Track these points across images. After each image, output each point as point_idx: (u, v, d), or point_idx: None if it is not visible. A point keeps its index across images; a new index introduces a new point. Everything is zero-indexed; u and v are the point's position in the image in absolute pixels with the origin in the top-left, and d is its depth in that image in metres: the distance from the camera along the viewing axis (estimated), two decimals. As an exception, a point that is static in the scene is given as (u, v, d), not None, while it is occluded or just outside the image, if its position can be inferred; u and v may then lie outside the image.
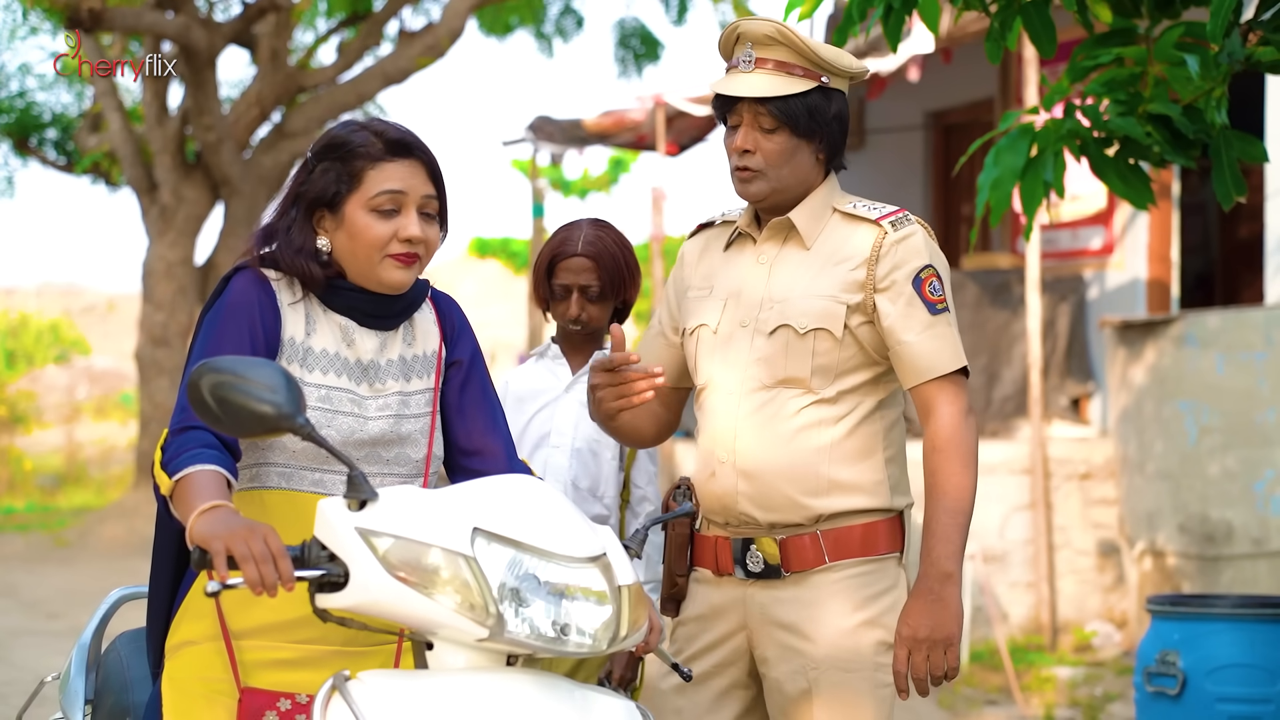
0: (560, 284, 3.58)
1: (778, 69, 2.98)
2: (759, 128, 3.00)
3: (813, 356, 2.99)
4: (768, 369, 3.02)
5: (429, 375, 2.75)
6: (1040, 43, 3.68)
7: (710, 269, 3.17)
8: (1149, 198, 3.76)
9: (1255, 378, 7.29)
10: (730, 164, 3.07)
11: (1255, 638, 4.84)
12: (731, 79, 3.03)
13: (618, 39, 16.59)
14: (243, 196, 13.72)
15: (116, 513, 13.82)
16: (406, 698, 2.13)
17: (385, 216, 2.62)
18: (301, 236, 2.66)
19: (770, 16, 3.08)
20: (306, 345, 2.64)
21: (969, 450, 2.97)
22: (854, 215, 3.05)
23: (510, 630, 2.13)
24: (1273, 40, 3.52)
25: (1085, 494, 8.59)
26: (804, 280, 3.03)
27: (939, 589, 2.91)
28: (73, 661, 3.20)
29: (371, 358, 2.68)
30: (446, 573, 2.12)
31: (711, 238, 3.22)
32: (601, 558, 2.22)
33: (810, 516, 3.00)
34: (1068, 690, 7.52)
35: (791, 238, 3.08)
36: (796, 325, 2.99)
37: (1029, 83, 8.41)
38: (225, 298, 2.63)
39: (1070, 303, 9.24)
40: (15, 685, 7.43)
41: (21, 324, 24.62)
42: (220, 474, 2.39)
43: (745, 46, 3.01)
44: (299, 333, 2.64)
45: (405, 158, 2.64)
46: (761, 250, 3.10)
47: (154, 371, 13.92)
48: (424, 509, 2.17)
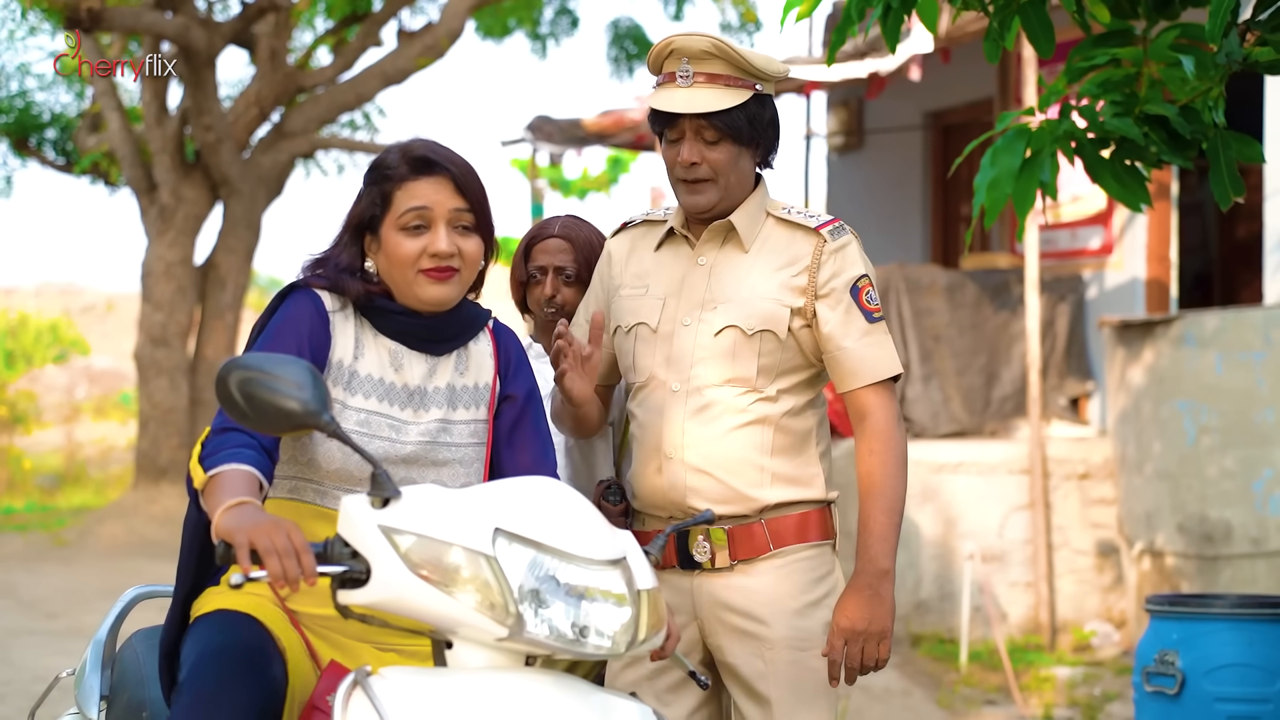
0: (537, 265, 3.61)
1: (714, 82, 3.08)
2: (702, 140, 3.10)
3: (758, 356, 3.12)
4: (714, 367, 3.13)
5: (479, 407, 2.80)
6: (1038, 43, 3.68)
7: (642, 268, 3.26)
8: (1144, 199, 3.76)
9: (1254, 377, 7.30)
10: (673, 176, 3.16)
11: (1254, 637, 4.85)
12: (670, 93, 3.10)
13: (611, 39, 16.60)
14: (242, 196, 13.72)
15: (116, 513, 13.81)
16: (427, 694, 2.14)
17: (415, 234, 2.68)
18: (348, 258, 2.74)
19: (702, 30, 3.17)
20: (353, 369, 2.71)
21: (902, 452, 3.13)
22: (791, 221, 3.18)
23: (529, 630, 2.15)
24: (1270, 41, 3.52)
25: (1084, 494, 8.60)
26: (747, 282, 3.14)
27: (876, 584, 3.07)
28: (88, 658, 3.25)
29: (419, 383, 2.73)
30: (467, 572, 2.14)
31: (637, 237, 3.32)
32: (621, 561, 2.24)
33: (756, 508, 3.13)
34: (1066, 690, 7.52)
35: (730, 240, 3.19)
36: (744, 326, 3.12)
37: (1028, 83, 8.41)
38: (280, 312, 2.69)
39: (1069, 303, 9.25)
40: (14, 685, 7.44)
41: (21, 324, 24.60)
42: (253, 474, 2.43)
43: (681, 61, 3.09)
44: (347, 355, 2.71)
45: (429, 174, 2.70)
46: (701, 252, 3.19)
47: (153, 371, 13.91)
48: (446, 508, 2.19)
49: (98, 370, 26.80)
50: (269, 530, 2.21)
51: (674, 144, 3.13)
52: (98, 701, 3.09)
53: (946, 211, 11.07)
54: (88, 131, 15.63)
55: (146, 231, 14.09)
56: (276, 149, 14.06)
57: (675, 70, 3.09)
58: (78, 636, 8.93)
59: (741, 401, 3.12)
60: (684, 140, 3.11)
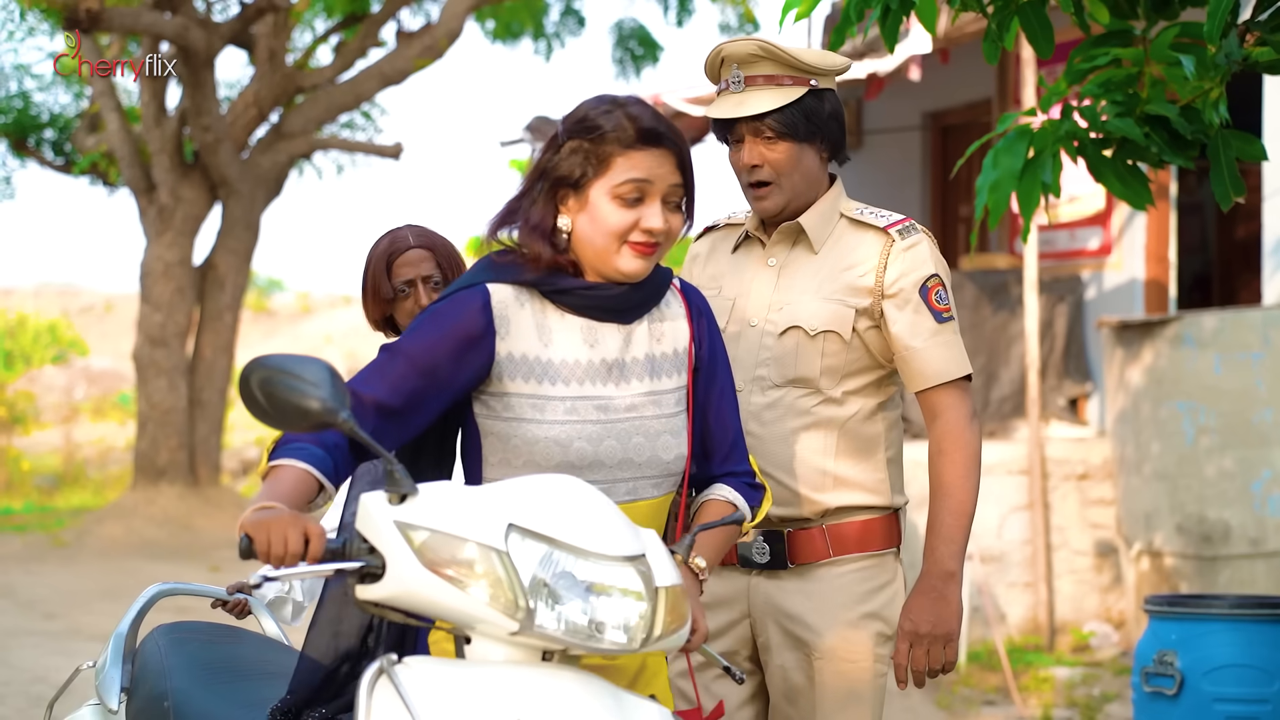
0: (403, 280, 3.53)
1: (767, 83, 3.08)
2: (762, 141, 3.10)
3: (822, 357, 3.10)
4: (778, 368, 3.12)
5: (679, 373, 2.72)
6: (1038, 43, 3.68)
7: (718, 270, 3.27)
8: (1147, 198, 3.76)
9: (1252, 378, 7.30)
10: (741, 181, 3.16)
11: (1253, 638, 4.85)
12: (724, 101, 3.13)
13: (616, 40, 16.60)
14: (240, 197, 13.73)
15: (114, 513, 13.81)
16: (451, 684, 2.18)
17: (629, 205, 2.57)
18: (541, 213, 2.62)
19: (752, 35, 3.19)
20: (545, 359, 2.62)
21: (973, 454, 3.08)
22: (861, 222, 3.15)
23: (540, 624, 2.17)
24: (1270, 41, 3.53)
25: (1083, 494, 8.60)
26: (813, 284, 3.13)
27: (942, 586, 3.04)
28: (109, 651, 3.32)
29: (617, 355, 2.65)
30: (480, 567, 2.16)
31: (718, 239, 3.33)
32: (640, 558, 2.25)
33: (817, 511, 3.11)
34: (1065, 690, 7.52)
35: (800, 241, 3.18)
36: (807, 327, 3.10)
37: (1027, 84, 8.42)
38: (438, 303, 2.63)
39: (1068, 303, 9.25)
40: (13, 686, 7.43)
41: (19, 324, 24.62)
42: (309, 474, 2.42)
43: (732, 68, 3.11)
44: (531, 346, 2.61)
45: (655, 146, 2.58)
46: (771, 253, 3.20)
47: (152, 372, 13.92)
48: (462, 504, 2.22)
49: (96, 371, 26.81)
50: (273, 524, 2.23)
51: (737, 148, 3.14)
52: (119, 693, 3.16)
53: (945, 212, 11.07)
54: (86, 132, 15.64)
55: (145, 232, 14.10)
56: (275, 149, 14.07)
57: (728, 77, 3.12)
58: (76, 637, 8.93)
59: (805, 403, 3.10)
60: (744, 144, 3.11)
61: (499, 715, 2.14)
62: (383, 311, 3.61)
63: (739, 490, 2.75)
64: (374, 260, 3.59)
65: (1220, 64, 3.46)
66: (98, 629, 9.01)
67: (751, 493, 2.77)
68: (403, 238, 3.59)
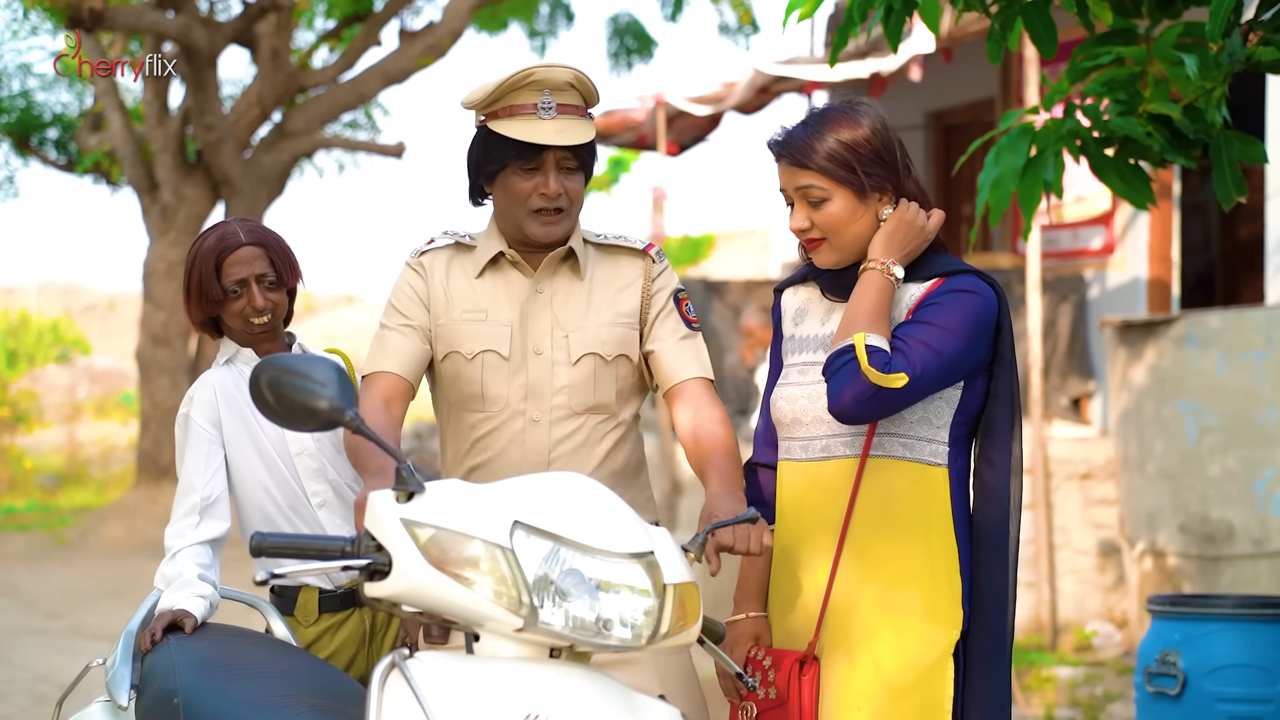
0: (235, 280, 3.35)
1: (576, 113, 3.12)
2: (563, 170, 3.12)
3: (616, 382, 3.18)
4: (576, 396, 3.16)
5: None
6: (1041, 43, 3.68)
7: (470, 293, 3.20)
8: (1149, 198, 3.76)
9: (1255, 378, 7.29)
10: (530, 206, 3.12)
11: (1255, 638, 4.84)
12: (537, 124, 3.07)
13: (610, 34, 16.60)
14: (243, 196, 13.72)
15: (117, 512, 13.83)
16: (463, 679, 2.20)
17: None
18: None
19: (567, 63, 3.19)
20: (793, 334, 3.08)
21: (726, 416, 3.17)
22: (614, 245, 3.25)
23: (544, 621, 2.19)
24: (1273, 40, 3.53)
25: (1086, 494, 8.59)
26: (593, 309, 3.18)
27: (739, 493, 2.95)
28: (119, 649, 3.34)
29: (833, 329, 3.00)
30: (485, 564, 2.19)
31: (449, 259, 3.24)
32: (647, 555, 2.27)
33: None
34: (1068, 690, 7.52)
35: (564, 267, 3.21)
36: (603, 353, 3.16)
37: (1030, 83, 8.41)
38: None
39: (1071, 303, 9.24)
40: (15, 685, 7.44)
41: (22, 323, 24.62)
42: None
43: (544, 92, 3.09)
44: (787, 326, 3.10)
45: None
46: (539, 280, 3.19)
47: (155, 371, 13.92)
48: (469, 502, 2.25)
49: (99, 370, 26.82)
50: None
51: (530, 175, 3.11)
52: (128, 690, 3.18)
53: (948, 211, 11.04)
54: (89, 131, 15.64)
55: (148, 231, 14.10)
56: (278, 148, 14.07)
57: (539, 101, 3.08)
58: (79, 636, 8.94)
59: (602, 430, 3.17)
60: (546, 171, 3.10)
61: (510, 710, 2.16)
62: (208, 313, 3.43)
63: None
64: (200, 259, 3.38)
65: (1223, 63, 3.46)
66: (100, 628, 9.01)
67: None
68: (233, 234, 3.39)
